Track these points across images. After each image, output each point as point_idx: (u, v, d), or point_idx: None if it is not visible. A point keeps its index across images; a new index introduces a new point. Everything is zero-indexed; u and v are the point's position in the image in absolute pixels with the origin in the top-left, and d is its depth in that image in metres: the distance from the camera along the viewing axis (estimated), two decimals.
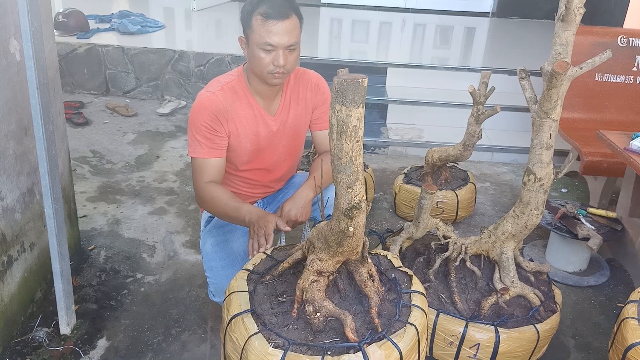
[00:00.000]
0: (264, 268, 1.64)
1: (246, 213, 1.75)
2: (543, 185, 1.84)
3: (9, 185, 1.91)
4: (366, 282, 1.52)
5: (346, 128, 1.18)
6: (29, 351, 1.95)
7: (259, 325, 1.43)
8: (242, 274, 1.61)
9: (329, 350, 1.36)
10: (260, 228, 1.69)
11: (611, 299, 2.49)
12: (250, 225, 1.73)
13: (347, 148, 1.21)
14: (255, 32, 1.74)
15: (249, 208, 1.78)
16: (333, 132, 1.20)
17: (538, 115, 1.76)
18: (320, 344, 1.38)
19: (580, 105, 3.40)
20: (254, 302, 1.51)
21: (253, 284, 1.58)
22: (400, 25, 6.28)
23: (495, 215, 3.18)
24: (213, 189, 1.85)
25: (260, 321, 1.45)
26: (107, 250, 2.60)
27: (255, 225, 1.70)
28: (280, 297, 1.53)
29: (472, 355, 1.93)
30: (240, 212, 1.77)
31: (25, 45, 1.65)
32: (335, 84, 1.15)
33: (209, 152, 1.86)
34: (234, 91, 1.89)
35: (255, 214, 1.74)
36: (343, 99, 1.15)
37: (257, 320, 1.45)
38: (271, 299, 1.53)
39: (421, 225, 2.15)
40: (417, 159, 3.84)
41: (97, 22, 5.32)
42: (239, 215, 1.77)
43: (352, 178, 1.25)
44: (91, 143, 3.84)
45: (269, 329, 1.42)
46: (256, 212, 1.75)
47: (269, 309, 1.50)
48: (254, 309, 1.48)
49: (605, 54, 1.69)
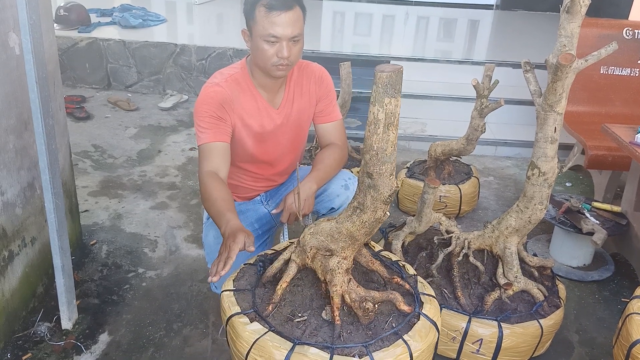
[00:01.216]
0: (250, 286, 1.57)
1: (224, 223, 1.61)
2: (547, 179, 1.82)
3: (10, 179, 1.90)
4: (372, 261, 1.53)
5: (394, 119, 1.21)
6: (31, 346, 1.95)
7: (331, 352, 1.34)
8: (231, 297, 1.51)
9: (399, 330, 1.42)
10: (225, 249, 1.52)
11: (616, 294, 2.47)
12: (223, 239, 1.59)
13: (392, 138, 1.23)
14: (258, 23, 1.73)
15: (228, 218, 1.62)
16: (379, 126, 1.21)
17: (542, 109, 1.74)
18: (390, 328, 1.42)
19: (585, 99, 3.37)
20: (282, 333, 1.40)
21: (254, 309, 1.48)
22: (403, 18, 6.24)
23: (498, 210, 3.16)
24: (211, 181, 1.75)
25: (324, 348, 1.35)
26: (108, 244, 2.60)
27: (223, 243, 1.55)
28: (295, 317, 1.45)
29: (475, 351, 1.92)
30: (221, 220, 1.64)
31: (23, 39, 1.64)
32: (383, 78, 1.16)
33: (214, 136, 1.80)
34: (237, 83, 1.87)
35: (230, 228, 1.58)
36: (392, 90, 1.17)
37: (323, 349, 1.35)
38: (287, 322, 1.44)
39: (424, 220, 2.13)
40: (420, 153, 3.82)
41: (99, 15, 5.30)
42: (218, 222, 1.65)
43: (393, 165, 1.28)
44: (93, 137, 3.83)
45: (336, 347, 1.35)
46: (231, 226, 1.59)
47: (302, 334, 1.40)
48: (296, 340, 1.37)
49: (611, 46, 1.67)
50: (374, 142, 1.24)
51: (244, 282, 1.57)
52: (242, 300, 1.50)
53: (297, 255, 1.52)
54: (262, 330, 1.39)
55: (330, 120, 2.02)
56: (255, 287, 1.54)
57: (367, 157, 1.27)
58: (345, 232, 1.40)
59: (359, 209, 1.35)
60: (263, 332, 1.39)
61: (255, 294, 1.52)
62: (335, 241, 1.43)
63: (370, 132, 1.23)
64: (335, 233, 1.42)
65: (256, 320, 1.42)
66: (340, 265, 1.44)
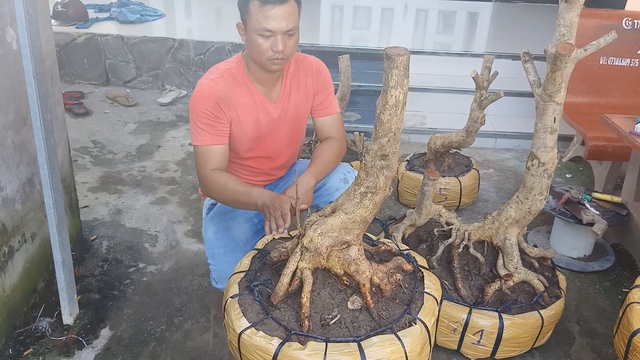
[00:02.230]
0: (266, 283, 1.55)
1: (258, 196, 1.73)
2: (547, 170, 1.82)
3: (9, 175, 1.89)
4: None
5: (406, 97, 1.27)
6: (32, 341, 1.95)
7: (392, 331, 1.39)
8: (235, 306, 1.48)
9: (417, 288, 1.56)
10: (276, 209, 1.67)
11: (616, 284, 2.47)
12: (265, 207, 1.70)
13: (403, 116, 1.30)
14: (252, 17, 1.72)
15: (260, 191, 1.75)
16: (399, 108, 1.26)
17: (542, 99, 1.73)
18: (410, 289, 1.55)
19: (585, 89, 3.36)
20: (338, 339, 1.38)
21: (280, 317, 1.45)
22: (402, 11, 6.22)
23: (498, 202, 3.16)
24: (219, 176, 1.82)
25: (383, 331, 1.40)
26: (109, 240, 2.60)
27: (271, 207, 1.68)
28: (328, 319, 1.43)
29: (475, 342, 1.92)
30: (252, 196, 1.74)
31: (20, 34, 1.63)
32: (404, 61, 1.22)
33: (211, 139, 1.83)
34: (233, 78, 1.86)
35: (268, 196, 1.72)
36: (407, 71, 1.24)
37: (385, 332, 1.40)
38: (327, 328, 1.42)
39: (424, 212, 2.13)
40: (419, 146, 3.81)
41: (96, 11, 5.28)
42: (250, 200, 1.74)
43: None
44: (92, 133, 3.82)
45: (389, 326, 1.41)
46: (268, 194, 1.73)
47: (349, 331, 1.41)
48: (357, 338, 1.38)
49: (610, 35, 1.66)
50: (393, 124, 1.28)
51: (253, 314, 1.45)
52: (272, 330, 1.41)
53: (307, 261, 1.47)
54: (321, 348, 1.34)
55: (328, 113, 2.01)
56: (271, 313, 1.45)
57: (385, 140, 1.30)
58: (360, 219, 1.42)
59: (370, 192, 1.38)
60: (322, 348, 1.34)
61: (279, 318, 1.44)
62: (350, 231, 1.44)
63: (391, 115, 1.27)
64: (349, 224, 1.43)
65: (302, 341, 1.37)
66: (360, 252, 1.47)
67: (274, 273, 1.58)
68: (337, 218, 1.44)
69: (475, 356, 1.96)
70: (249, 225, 1.99)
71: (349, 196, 1.42)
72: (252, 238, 1.97)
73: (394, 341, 1.37)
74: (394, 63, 1.20)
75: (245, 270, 1.59)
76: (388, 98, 1.25)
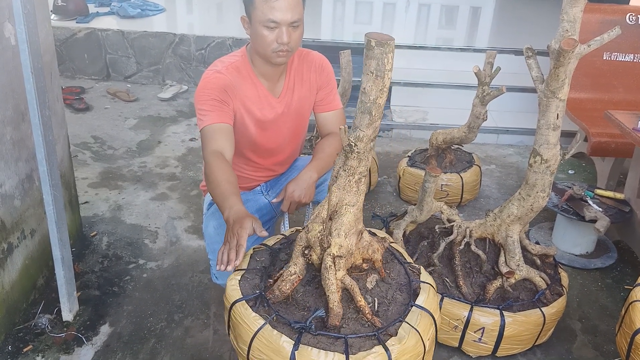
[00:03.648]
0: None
1: (228, 208, 1.57)
2: (549, 166, 1.80)
3: (7, 172, 1.88)
4: None
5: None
6: (32, 338, 1.95)
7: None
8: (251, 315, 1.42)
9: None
10: (233, 237, 1.48)
11: (619, 281, 2.46)
12: (227, 224, 1.55)
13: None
14: (257, 9, 1.70)
15: (232, 203, 1.58)
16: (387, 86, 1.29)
17: (545, 95, 1.71)
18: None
19: (588, 85, 3.34)
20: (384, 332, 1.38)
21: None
22: (404, 6, 6.19)
23: (500, 198, 3.14)
24: (216, 161, 1.69)
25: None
26: (109, 236, 2.59)
27: (230, 231, 1.51)
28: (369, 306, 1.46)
29: (477, 339, 1.91)
30: (224, 203, 1.59)
31: (18, 29, 1.61)
32: (393, 45, 1.23)
33: (216, 117, 1.76)
34: (238, 71, 1.85)
35: (235, 213, 1.53)
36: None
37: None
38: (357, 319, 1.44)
39: (425, 209, 2.12)
40: (421, 142, 3.79)
41: (97, 5, 5.27)
42: (221, 205, 1.61)
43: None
44: (92, 129, 3.81)
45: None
46: (236, 211, 1.54)
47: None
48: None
49: (614, 31, 1.64)
50: (382, 104, 1.33)
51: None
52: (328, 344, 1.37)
53: (343, 268, 1.44)
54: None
55: (331, 109, 2.00)
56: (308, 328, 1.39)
57: (378, 123, 1.35)
58: (361, 204, 1.45)
59: (362, 177, 1.41)
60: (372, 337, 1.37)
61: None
62: (359, 219, 1.46)
63: (383, 97, 1.30)
64: (358, 213, 1.45)
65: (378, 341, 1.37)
66: (367, 233, 1.54)
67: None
68: (348, 214, 1.43)
69: (476, 354, 1.96)
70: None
71: (345, 189, 1.41)
72: (252, 234, 1.95)
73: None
74: (388, 48, 1.21)
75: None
76: (385, 81, 1.26)
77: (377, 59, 1.23)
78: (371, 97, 1.28)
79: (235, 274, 1.54)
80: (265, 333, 1.36)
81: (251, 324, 1.39)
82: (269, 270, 1.56)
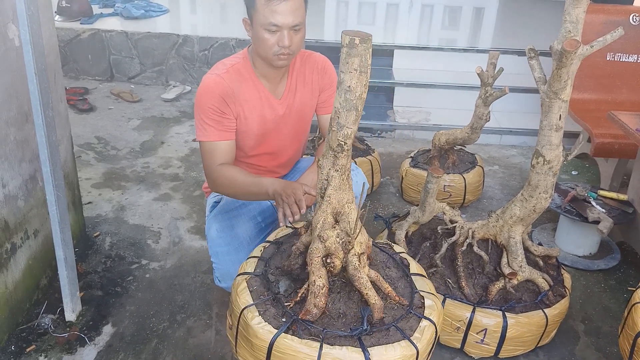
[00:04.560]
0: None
1: (269, 185, 1.71)
2: (552, 167, 1.80)
3: (11, 172, 1.89)
4: None
5: None
6: (35, 338, 1.95)
7: None
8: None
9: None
10: (289, 196, 1.63)
11: (622, 282, 2.45)
12: (277, 195, 1.67)
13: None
14: (259, 12, 1.70)
15: (270, 180, 1.74)
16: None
17: (547, 96, 1.71)
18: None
19: (591, 86, 3.33)
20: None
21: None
22: (407, 6, 6.18)
23: (503, 199, 3.14)
24: (227, 169, 1.81)
25: None
26: (112, 236, 2.60)
27: (283, 194, 1.65)
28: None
29: (479, 341, 1.91)
30: (262, 185, 1.72)
31: (22, 30, 1.62)
32: (370, 40, 1.26)
33: (218, 134, 1.82)
34: (239, 73, 1.85)
35: (279, 184, 1.70)
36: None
37: None
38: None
39: (427, 210, 2.12)
40: (424, 143, 3.78)
41: (101, 7, 5.28)
42: (260, 189, 1.73)
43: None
44: (96, 129, 3.82)
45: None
46: (279, 182, 1.71)
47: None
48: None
49: (617, 32, 1.64)
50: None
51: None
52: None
53: (364, 263, 1.49)
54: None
55: None
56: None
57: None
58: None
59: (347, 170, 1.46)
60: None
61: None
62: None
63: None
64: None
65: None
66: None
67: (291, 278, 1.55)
68: (352, 212, 1.47)
69: (478, 355, 1.95)
70: (253, 224, 1.98)
71: (341, 188, 1.45)
72: (255, 237, 1.96)
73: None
74: (369, 44, 1.25)
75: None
76: (367, 76, 1.30)
77: (360, 56, 1.25)
78: (356, 93, 1.30)
79: (248, 311, 1.46)
80: (330, 356, 1.33)
81: (310, 352, 1.33)
82: (275, 294, 1.51)
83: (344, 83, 1.29)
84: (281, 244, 1.68)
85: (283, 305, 1.45)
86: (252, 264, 1.59)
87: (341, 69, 1.28)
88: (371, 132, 3.96)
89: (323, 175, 1.44)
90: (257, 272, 1.56)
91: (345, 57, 1.26)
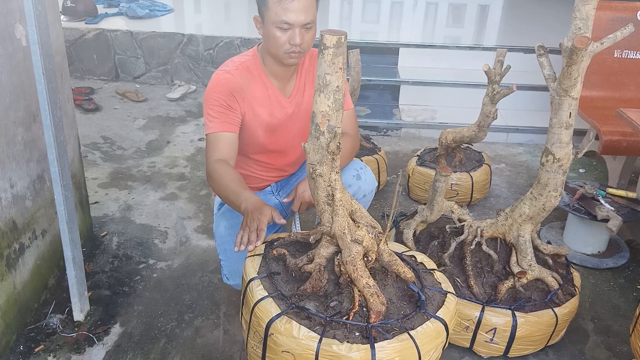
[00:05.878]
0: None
1: (243, 200, 1.64)
2: (562, 165, 1.79)
3: (19, 172, 1.89)
4: None
5: None
6: (43, 338, 1.96)
7: None
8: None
9: None
10: (253, 221, 1.56)
11: (631, 281, 2.43)
12: (245, 214, 1.62)
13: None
14: (271, 10, 1.70)
15: (247, 195, 1.66)
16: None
17: (557, 94, 1.70)
18: None
19: (599, 83, 3.31)
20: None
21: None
22: (411, 4, 6.16)
23: (510, 197, 3.12)
24: (221, 167, 1.76)
25: None
26: (119, 236, 2.60)
27: (249, 216, 1.58)
28: None
29: (488, 340, 1.90)
30: (239, 198, 1.66)
31: (29, 30, 1.62)
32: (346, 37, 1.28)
33: (221, 125, 1.81)
34: (248, 71, 1.85)
35: (252, 203, 1.62)
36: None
37: None
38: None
39: (435, 209, 2.11)
40: (430, 141, 3.78)
41: (106, 6, 5.29)
42: (236, 200, 1.67)
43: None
44: (102, 129, 3.82)
45: None
46: (253, 201, 1.63)
47: None
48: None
49: (627, 29, 1.62)
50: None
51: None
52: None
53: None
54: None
55: None
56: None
57: None
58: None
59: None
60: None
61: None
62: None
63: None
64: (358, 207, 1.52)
65: None
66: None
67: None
68: (354, 202, 1.51)
69: (487, 354, 1.94)
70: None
71: (341, 188, 1.48)
72: (272, 221, 1.95)
73: None
74: (345, 41, 1.27)
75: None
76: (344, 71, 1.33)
77: (343, 55, 1.26)
78: (342, 91, 1.32)
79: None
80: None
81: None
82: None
83: (331, 84, 1.29)
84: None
85: (347, 321, 1.42)
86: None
87: (326, 71, 1.27)
88: (377, 131, 3.95)
89: (326, 182, 1.42)
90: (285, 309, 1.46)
91: (332, 58, 1.26)
